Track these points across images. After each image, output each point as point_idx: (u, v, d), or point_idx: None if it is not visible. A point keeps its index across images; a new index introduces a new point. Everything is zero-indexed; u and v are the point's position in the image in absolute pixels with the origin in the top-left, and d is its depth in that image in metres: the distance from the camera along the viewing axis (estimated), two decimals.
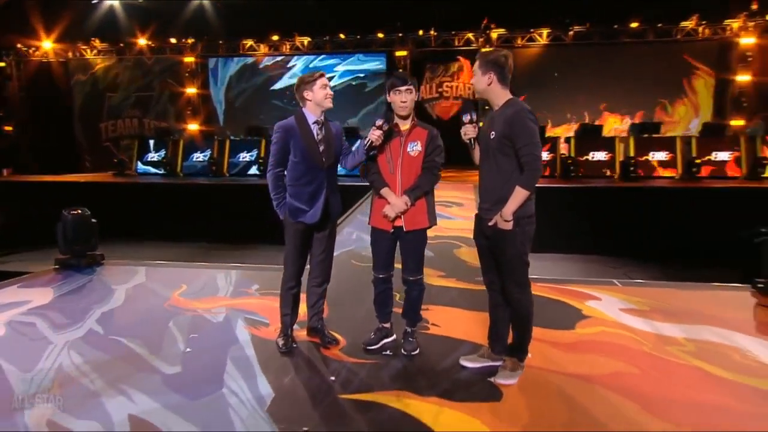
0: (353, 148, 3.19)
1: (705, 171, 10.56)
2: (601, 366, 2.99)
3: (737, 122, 13.44)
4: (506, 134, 2.61)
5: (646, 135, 10.90)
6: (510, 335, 2.91)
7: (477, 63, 2.78)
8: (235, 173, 12.51)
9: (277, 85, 16.90)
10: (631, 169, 10.26)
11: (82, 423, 2.43)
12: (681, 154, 10.61)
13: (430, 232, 3.14)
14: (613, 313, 3.86)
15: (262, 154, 12.43)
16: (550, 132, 12.03)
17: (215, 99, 17.29)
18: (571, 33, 14.64)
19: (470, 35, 15.49)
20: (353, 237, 6.39)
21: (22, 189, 11.73)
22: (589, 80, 14.34)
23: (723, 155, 10.60)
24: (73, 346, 3.29)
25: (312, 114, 3.09)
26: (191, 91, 16.65)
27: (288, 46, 16.39)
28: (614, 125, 13.92)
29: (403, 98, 3.00)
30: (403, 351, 3.17)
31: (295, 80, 18.65)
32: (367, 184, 3.15)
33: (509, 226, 2.64)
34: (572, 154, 10.88)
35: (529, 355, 2.90)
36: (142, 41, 16.29)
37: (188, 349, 3.24)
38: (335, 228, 3.32)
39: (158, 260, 5.77)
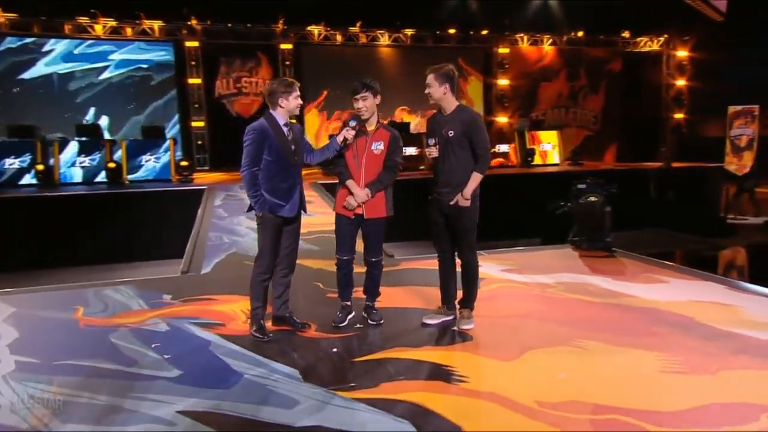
0: (323, 146, 3.79)
1: (495, 162, 13.40)
2: (517, 308, 4.25)
3: (502, 119, 17.13)
4: (465, 133, 3.61)
5: None
6: (459, 293, 3.93)
7: (432, 76, 3.68)
8: (1, 184, 10.80)
9: (28, 74, 14.79)
10: None
11: (134, 428, 2.60)
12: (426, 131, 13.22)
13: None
14: (497, 273, 5.22)
15: (39, 159, 11.00)
16: None
17: None
18: (362, 35, 16.56)
19: (268, 29, 16.10)
20: (225, 240, 6.60)
21: None
22: (384, 80, 16.42)
23: (504, 147, 13.58)
24: (16, 377, 3.13)
25: (282, 118, 3.59)
26: None
27: (40, 26, 14.52)
28: (411, 122, 16.28)
29: (359, 105, 3.72)
30: (371, 322, 3.92)
31: (53, 68, 16.40)
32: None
33: (468, 203, 3.65)
34: None
35: None
36: None
37: (166, 356, 3.41)
38: (300, 220, 3.85)
39: None
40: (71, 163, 11.31)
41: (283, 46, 16.30)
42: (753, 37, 16.78)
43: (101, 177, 11.34)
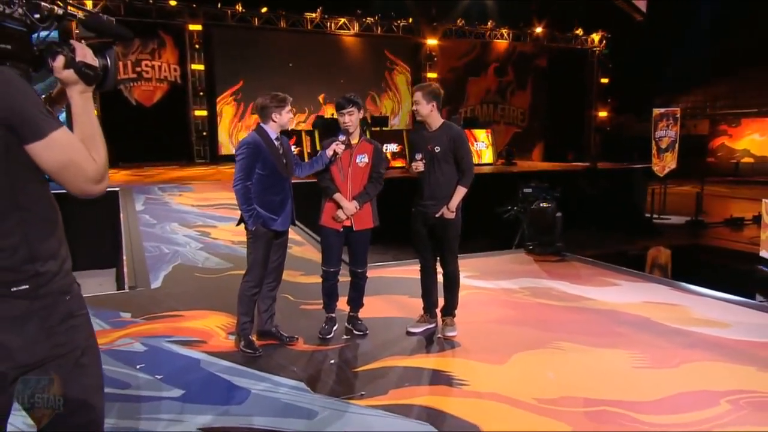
0: (311, 159, 4.19)
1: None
2: (491, 314, 4.89)
3: None
4: (451, 149, 4.16)
5: (377, 128, 13.81)
6: (440, 301, 4.50)
7: (420, 93, 4.19)
8: None
9: None
10: None
11: None
12: (408, 145, 13.92)
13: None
14: (462, 280, 5.74)
15: None
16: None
17: None
18: (283, 19, 16.74)
19: (172, 7, 15.84)
20: (165, 250, 6.72)
21: None
22: (306, 69, 16.69)
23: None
24: None
25: (274, 132, 3.96)
26: None
27: None
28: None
29: (345, 120, 4.16)
30: (357, 332, 4.38)
31: None
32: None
33: (453, 215, 4.22)
34: (319, 149, 12.92)
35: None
36: None
37: (158, 376, 3.67)
38: (288, 233, 4.23)
39: None
40: None
41: (191, 27, 16.12)
42: (674, 38, 18.95)
43: None
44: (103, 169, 1.62)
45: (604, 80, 20.72)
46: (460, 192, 4.22)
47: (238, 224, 4.03)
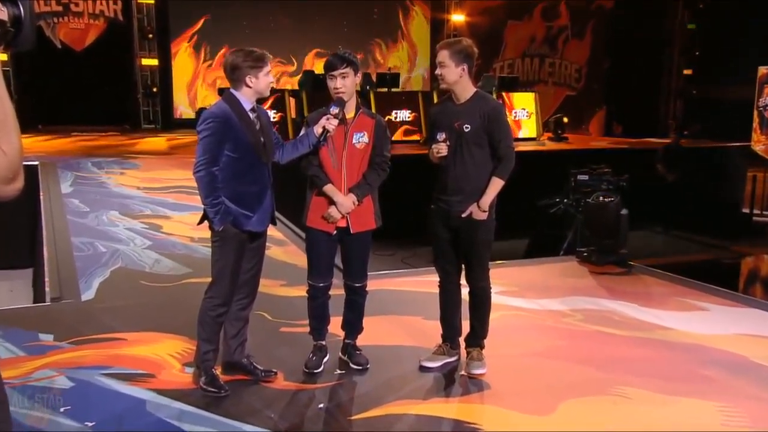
0: (295, 139, 4.20)
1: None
2: (532, 345, 4.92)
3: None
4: (485, 128, 4.16)
5: (384, 89, 13.78)
6: (464, 326, 4.52)
7: (447, 53, 4.19)
8: None
9: None
10: None
11: None
12: (424, 113, 13.87)
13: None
14: (495, 297, 5.81)
15: None
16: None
17: None
18: None
19: None
20: (101, 249, 6.77)
21: None
22: (291, 7, 16.60)
23: None
24: None
25: (248, 101, 3.95)
26: None
27: None
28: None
29: (337, 84, 4.11)
30: (354, 366, 4.41)
31: None
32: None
33: (485, 216, 4.23)
34: (306, 114, 12.93)
35: None
36: None
37: (89, 423, 3.68)
38: (266, 235, 4.25)
39: None
40: None
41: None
42: None
43: None
44: (15, 164, 1.57)
45: (691, 26, 20.50)
46: (496, 185, 4.22)
47: (200, 222, 4.04)
